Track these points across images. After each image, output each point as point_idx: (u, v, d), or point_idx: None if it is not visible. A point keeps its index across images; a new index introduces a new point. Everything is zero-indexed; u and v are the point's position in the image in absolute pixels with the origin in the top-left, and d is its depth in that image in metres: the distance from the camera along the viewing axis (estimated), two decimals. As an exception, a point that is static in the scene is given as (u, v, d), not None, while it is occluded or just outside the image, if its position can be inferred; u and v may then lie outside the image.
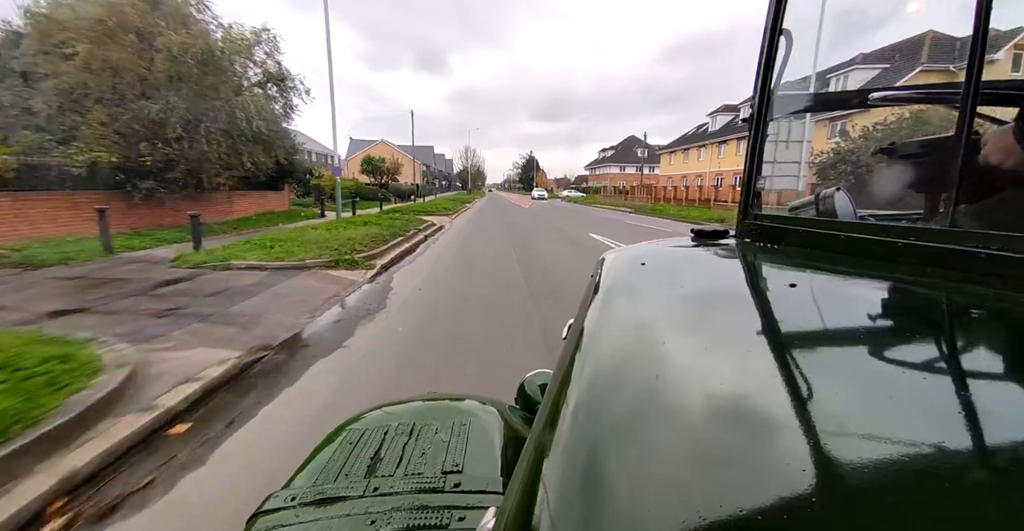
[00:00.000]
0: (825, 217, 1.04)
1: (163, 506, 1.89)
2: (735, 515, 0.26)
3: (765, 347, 0.50)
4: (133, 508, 1.87)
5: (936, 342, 0.50)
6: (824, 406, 0.37)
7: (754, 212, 1.03)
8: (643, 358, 0.51)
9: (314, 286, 5.63)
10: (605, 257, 0.98)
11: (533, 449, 0.43)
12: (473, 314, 4.67)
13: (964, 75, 0.65)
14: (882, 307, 0.61)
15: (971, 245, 0.60)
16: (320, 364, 3.37)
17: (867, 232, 0.77)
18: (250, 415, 2.63)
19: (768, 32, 0.97)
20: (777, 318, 0.59)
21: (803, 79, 1.06)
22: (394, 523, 0.57)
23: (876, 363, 0.43)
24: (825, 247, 0.83)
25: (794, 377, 0.42)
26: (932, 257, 0.65)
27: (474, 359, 3.48)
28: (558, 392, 0.49)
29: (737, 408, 0.38)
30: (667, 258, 0.99)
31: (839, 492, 0.27)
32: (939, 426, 0.32)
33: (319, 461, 0.74)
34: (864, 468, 0.28)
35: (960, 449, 0.30)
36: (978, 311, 0.56)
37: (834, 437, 0.32)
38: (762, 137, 1.03)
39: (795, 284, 0.67)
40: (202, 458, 2.22)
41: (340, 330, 4.12)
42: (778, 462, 0.30)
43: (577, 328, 0.66)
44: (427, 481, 0.65)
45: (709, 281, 0.82)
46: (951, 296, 0.60)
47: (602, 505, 0.30)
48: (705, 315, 0.63)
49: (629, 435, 0.37)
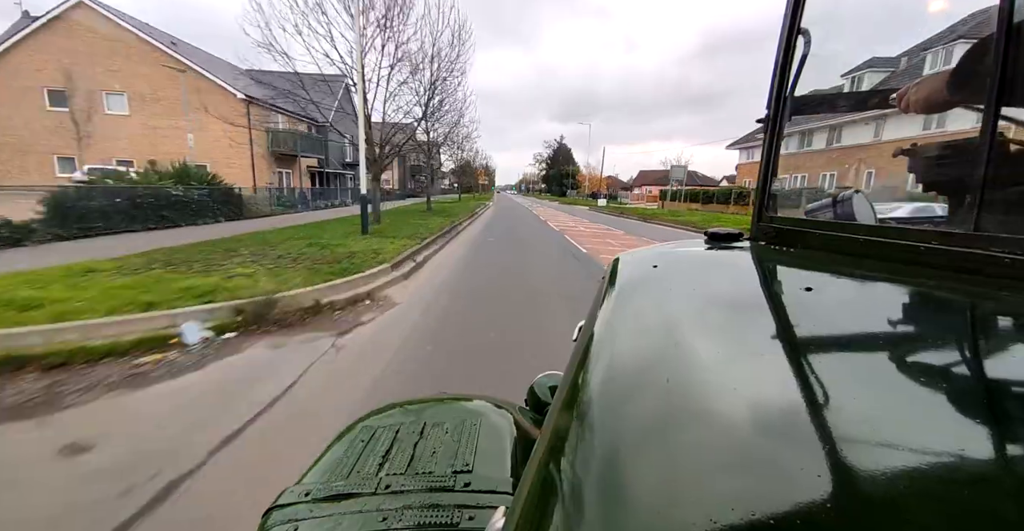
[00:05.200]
0: (843, 220, 1.02)
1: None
2: (747, 520, 0.25)
3: (779, 351, 0.49)
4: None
5: (958, 349, 0.49)
6: (841, 412, 0.36)
7: (769, 214, 1.02)
8: (654, 361, 0.50)
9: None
10: (617, 259, 0.98)
11: (542, 450, 0.43)
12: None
13: (989, 74, 0.64)
14: (902, 312, 0.59)
15: (995, 249, 0.58)
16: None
17: (886, 235, 0.76)
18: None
19: (785, 31, 0.96)
20: (792, 322, 0.58)
21: (821, 79, 1.04)
22: (405, 520, 0.58)
23: (895, 369, 0.42)
24: (843, 250, 0.82)
25: (810, 382, 0.42)
26: (954, 261, 0.63)
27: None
28: (568, 394, 0.49)
29: (750, 413, 0.38)
30: (680, 261, 0.99)
31: (857, 500, 0.27)
32: (961, 435, 0.31)
33: (332, 458, 0.75)
34: (884, 477, 0.27)
35: (984, 459, 0.29)
36: (1003, 317, 0.55)
37: (849, 444, 0.32)
38: (778, 138, 1.02)
39: (811, 288, 0.66)
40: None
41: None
42: (791, 468, 0.30)
43: (587, 330, 0.66)
44: (438, 480, 0.66)
45: (722, 284, 0.81)
46: (974, 302, 0.58)
47: (611, 506, 0.30)
48: (718, 318, 0.62)
49: (639, 437, 0.37)
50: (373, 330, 4.41)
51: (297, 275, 5.74)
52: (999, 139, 0.68)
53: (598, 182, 63.34)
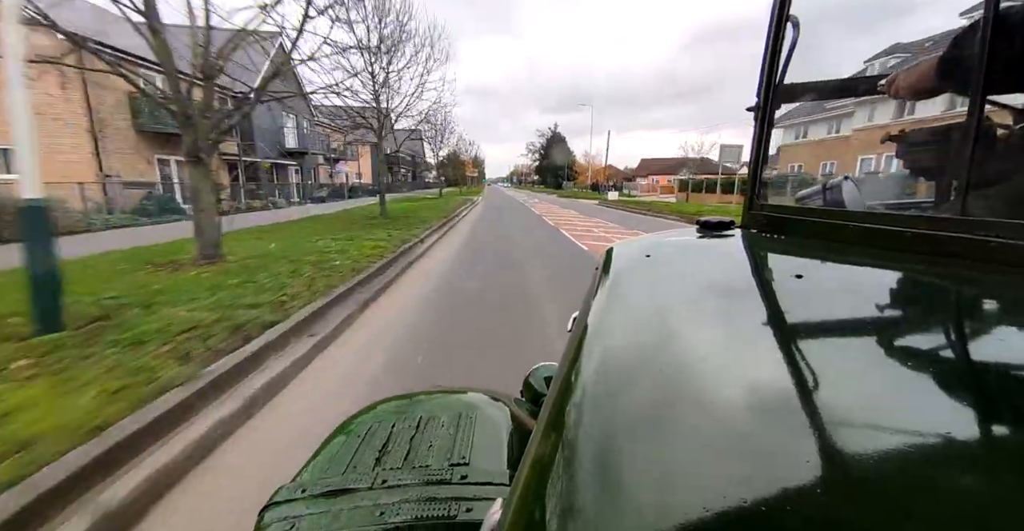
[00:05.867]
0: (832, 206, 1.02)
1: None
2: (740, 507, 0.26)
3: (771, 338, 0.50)
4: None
5: (947, 333, 0.50)
6: (832, 398, 0.36)
7: (760, 202, 1.02)
8: (648, 350, 0.51)
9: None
10: (610, 250, 0.98)
11: (539, 441, 0.43)
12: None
13: (975, 60, 0.64)
14: (891, 297, 0.60)
15: (982, 233, 0.59)
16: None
17: (875, 221, 0.76)
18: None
19: (775, 18, 0.96)
20: (783, 309, 0.58)
21: (811, 67, 1.04)
22: (402, 514, 0.58)
23: (885, 355, 0.43)
24: (833, 237, 0.83)
25: (801, 369, 0.42)
26: (942, 246, 0.64)
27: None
28: (563, 384, 0.49)
29: (743, 400, 0.38)
30: (672, 250, 0.99)
31: (849, 485, 0.27)
32: (952, 419, 0.32)
33: (328, 454, 0.75)
34: (875, 461, 0.28)
35: (973, 442, 0.29)
36: (990, 300, 0.55)
37: (840, 429, 0.32)
38: (768, 126, 1.02)
39: (802, 275, 0.67)
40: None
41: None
42: (783, 455, 0.30)
43: (582, 320, 0.66)
44: (434, 473, 0.66)
45: (715, 272, 0.82)
46: (962, 285, 0.59)
47: (607, 495, 0.30)
48: (710, 306, 0.63)
49: (634, 426, 0.38)
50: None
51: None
52: (985, 124, 0.69)
53: (599, 172, 56.82)
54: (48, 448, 1.91)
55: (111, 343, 3.02)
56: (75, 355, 2.84)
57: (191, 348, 3.01)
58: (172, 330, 3.25)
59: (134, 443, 2.09)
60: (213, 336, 3.22)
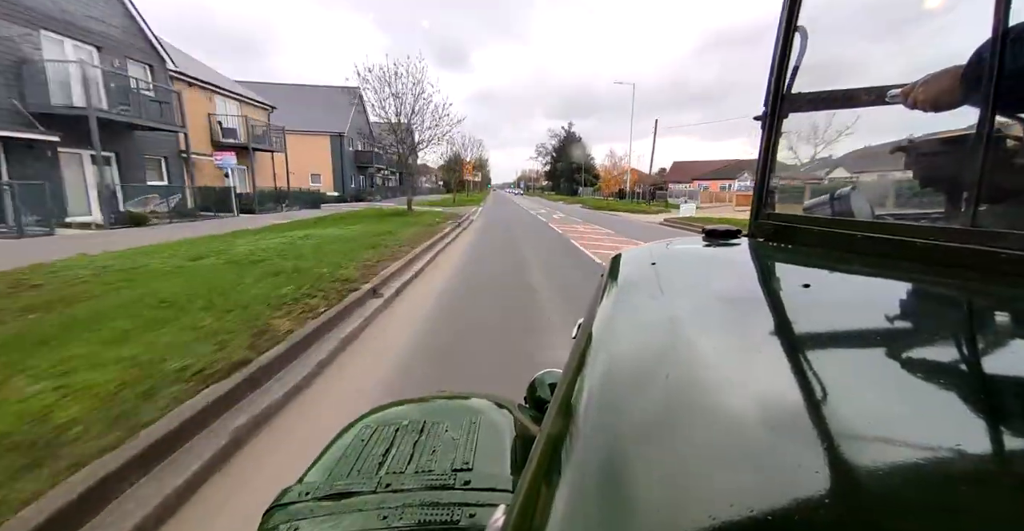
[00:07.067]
0: (840, 216, 1.02)
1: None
2: (746, 516, 0.25)
3: (777, 347, 0.50)
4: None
5: (956, 344, 0.49)
6: (839, 408, 0.36)
7: (767, 211, 1.02)
8: (652, 357, 0.51)
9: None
10: (615, 257, 0.98)
11: (542, 447, 0.43)
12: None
13: (986, 71, 0.64)
14: (900, 308, 0.60)
15: (992, 245, 0.58)
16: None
17: (884, 231, 0.76)
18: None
19: (782, 28, 0.96)
20: (790, 318, 0.58)
21: (818, 77, 1.04)
22: (406, 519, 0.58)
23: (893, 365, 0.43)
24: (841, 247, 0.82)
25: (807, 378, 0.42)
26: (951, 257, 0.63)
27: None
28: (567, 391, 0.49)
29: (749, 409, 0.38)
30: (678, 258, 0.99)
31: (855, 496, 0.27)
32: (961, 431, 0.31)
33: (332, 457, 0.75)
34: (882, 472, 0.27)
35: (985, 455, 0.29)
36: (1000, 312, 0.55)
37: (848, 439, 0.32)
38: (776, 136, 1.02)
39: (809, 284, 0.66)
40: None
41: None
42: (789, 464, 0.30)
43: (586, 327, 0.66)
44: (438, 478, 0.66)
45: (720, 280, 0.81)
46: (971, 297, 0.59)
47: (611, 503, 0.30)
48: (716, 315, 0.62)
49: (638, 434, 0.37)
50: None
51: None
52: (996, 136, 0.68)
53: (617, 178, 41.38)
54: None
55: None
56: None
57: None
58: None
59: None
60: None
